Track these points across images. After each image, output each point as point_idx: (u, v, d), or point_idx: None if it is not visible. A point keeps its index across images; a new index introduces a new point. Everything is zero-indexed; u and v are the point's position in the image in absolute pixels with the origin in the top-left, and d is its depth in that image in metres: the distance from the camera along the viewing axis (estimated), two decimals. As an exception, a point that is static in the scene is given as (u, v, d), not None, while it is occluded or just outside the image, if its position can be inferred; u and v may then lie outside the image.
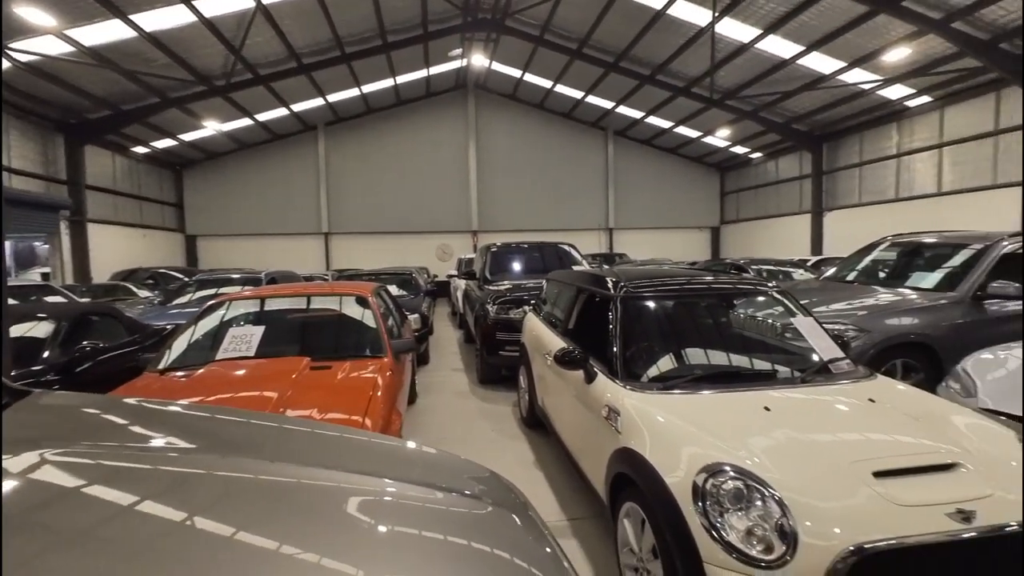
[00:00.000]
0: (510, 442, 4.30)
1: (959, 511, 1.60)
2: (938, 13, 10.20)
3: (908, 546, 1.57)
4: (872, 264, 6.06)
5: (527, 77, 18.75)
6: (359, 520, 1.00)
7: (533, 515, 1.22)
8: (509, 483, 1.38)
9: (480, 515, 1.08)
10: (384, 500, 1.11)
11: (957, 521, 1.59)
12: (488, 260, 7.59)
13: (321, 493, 1.07)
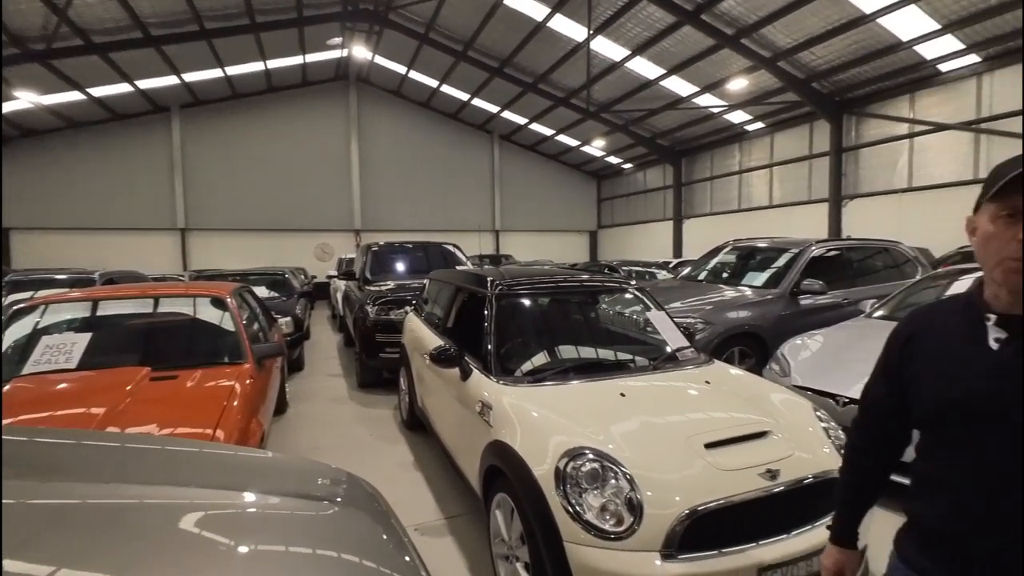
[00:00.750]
0: (389, 446, 4.19)
1: (768, 471, 1.90)
2: (768, 52, 11.98)
3: (731, 504, 1.81)
4: (717, 265, 6.92)
5: (412, 74, 18.44)
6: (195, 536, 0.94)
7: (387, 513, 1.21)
8: (363, 483, 1.35)
9: (328, 517, 1.04)
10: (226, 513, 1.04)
11: (766, 479, 1.88)
12: (369, 260, 7.32)
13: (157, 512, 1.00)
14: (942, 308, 1.07)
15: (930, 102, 11.67)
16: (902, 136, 12.20)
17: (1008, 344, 0.91)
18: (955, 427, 0.96)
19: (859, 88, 12.58)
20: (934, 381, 0.99)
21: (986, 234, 0.91)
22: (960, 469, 0.95)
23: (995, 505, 0.90)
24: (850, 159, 13.39)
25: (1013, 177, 0.85)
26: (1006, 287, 0.90)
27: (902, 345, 1.07)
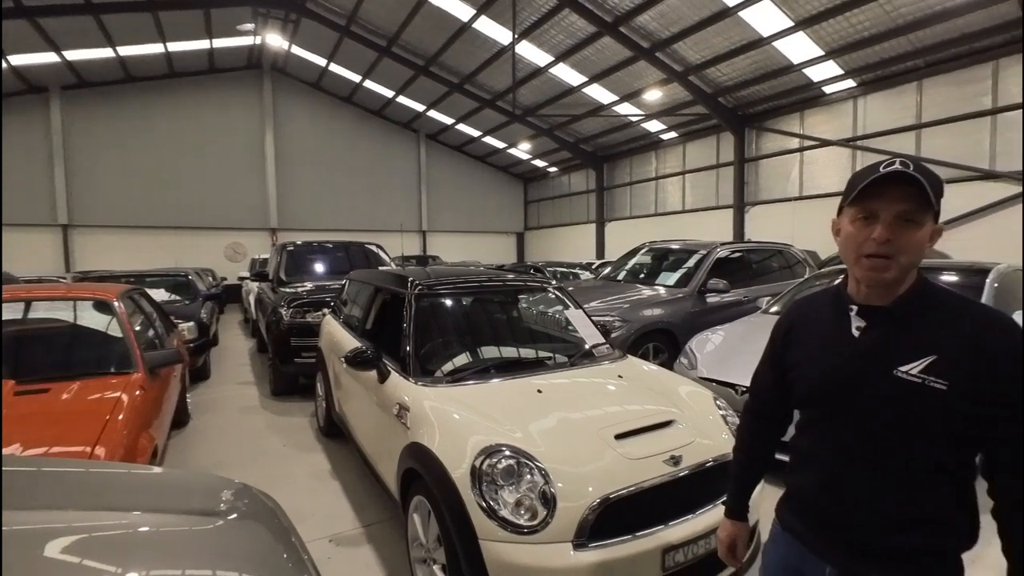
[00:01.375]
0: (305, 455, 3.98)
1: (672, 457, 2.02)
2: (680, 67, 12.77)
3: (639, 490, 1.90)
4: (635, 266, 7.27)
5: (333, 67, 17.70)
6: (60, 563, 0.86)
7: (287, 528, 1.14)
8: (262, 496, 1.27)
9: (213, 533, 0.96)
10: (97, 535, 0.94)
11: (670, 465, 1.99)
12: (284, 260, 6.92)
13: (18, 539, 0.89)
14: (816, 300, 1.18)
15: (817, 120, 13.02)
16: (794, 150, 13.50)
17: (866, 332, 1.02)
18: (823, 407, 1.08)
19: (758, 104, 13.75)
20: (808, 366, 1.10)
21: (847, 234, 1.02)
22: (826, 444, 1.07)
23: (854, 475, 1.02)
24: (751, 169, 14.61)
25: (866, 184, 0.96)
26: (864, 281, 1.01)
27: (783, 335, 1.19)
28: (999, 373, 0.91)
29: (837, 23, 10.20)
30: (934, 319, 0.98)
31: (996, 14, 9.10)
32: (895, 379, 0.96)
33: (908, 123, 11.29)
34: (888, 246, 0.94)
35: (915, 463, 0.96)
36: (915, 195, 0.93)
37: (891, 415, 0.96)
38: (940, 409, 0.92)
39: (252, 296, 9.36)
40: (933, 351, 0.94)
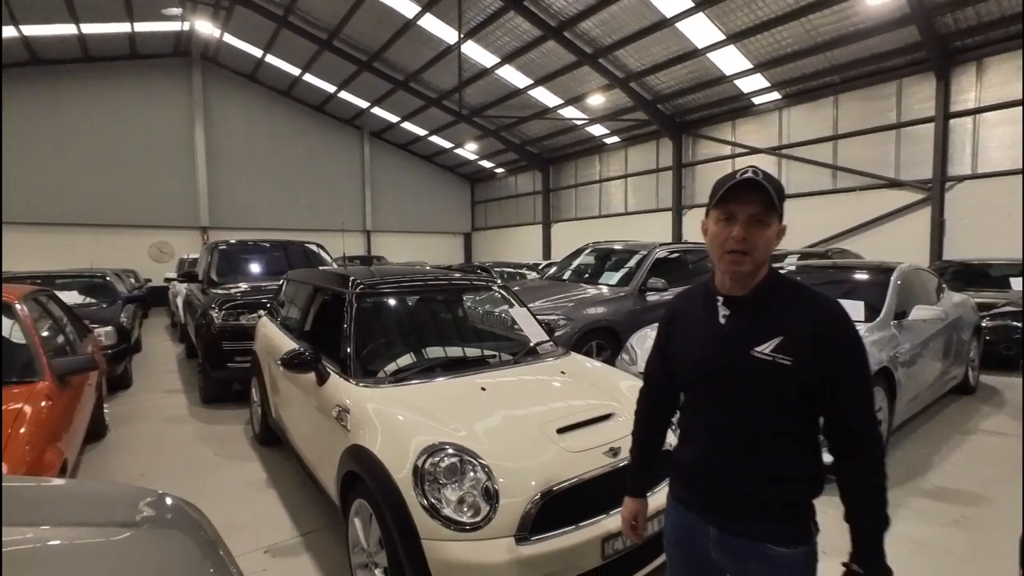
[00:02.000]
0: (238, 464, 3.77)
1: (611, 448, 2.07)
2: (621, 73, 13.18)
3: (580, 482, 1.95)
4: (579, 266, 7.43)
5: (270, 59, 16.92)
6: None
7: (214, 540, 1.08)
8: (185, 506, 1.19)
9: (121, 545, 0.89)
10: None
11: (609, 456, 2.05)
12: (215, 260, 6.54)
13: None
14: (692, 294, 1.32)
15: (747, 129, 13.83)
16: (727, 156, 14.27)
17: (729, 319, 1.17)
18: (698, 387, 1.24)
19: (694, 112, 14.43)
20: (686, 352, 1.26)
21: (712, 233, 1.15)
22: (702, 419, 1.23)
23: (724, 445, 1.18)
24: (688, 174, 15.30)
25: (726, 190, 1.10)
26: (727, 274, 1.16)
27: (666, 326, 1.34)
28: (831, 348, 1.09)
29: (764, 38, 10.88)
30: (782, 305, 1.14)
31: (899, 38, 10.02)
32: (752, 358, 1.11)
33: (826, 134, 12.22)
34: (744, 243, 1.09)
35: (772, 430, 1.13)
36: (763, 200, 1.09)
37: (750, 389, 1.12)
38: (787, 381, 1.09)
39: (180, 299, 8.77)
40: (781, 333, 1.10)
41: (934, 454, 3.77)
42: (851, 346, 1.10)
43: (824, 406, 1.11)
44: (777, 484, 1.13)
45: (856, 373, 1.11)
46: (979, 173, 10.10)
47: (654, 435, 1.44)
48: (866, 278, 4.66)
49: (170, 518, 1.05)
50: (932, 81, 10.38)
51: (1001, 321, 6.28)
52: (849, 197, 11.90)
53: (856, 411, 1.10)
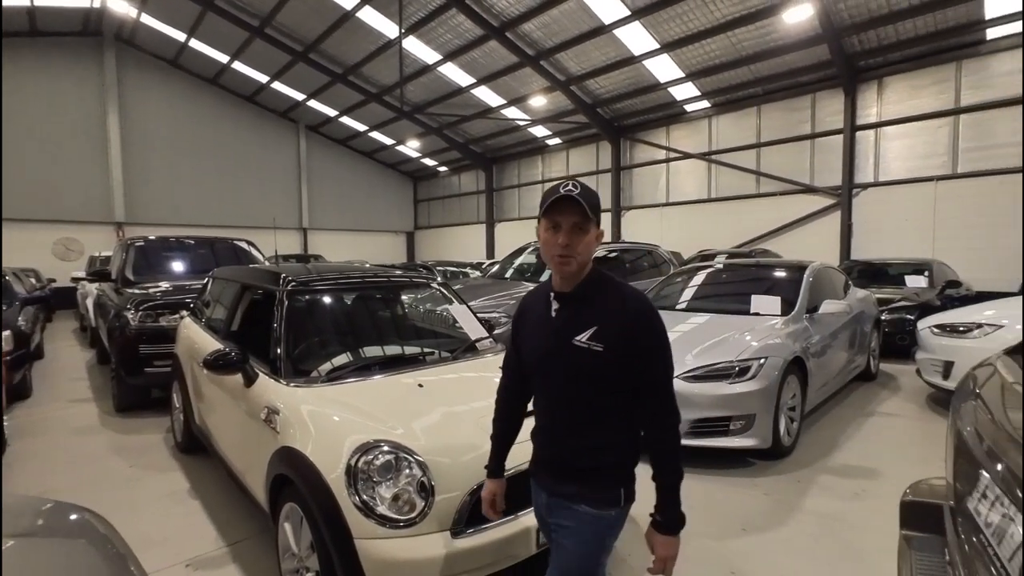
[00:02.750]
0: (157, 476, 3.52)
1: (546, 440, 2.12)
2: (562, 76, 13.45)
3: (515, 473, 1.98)
4: (521, 264, 7.52)
5: (195, 44, 15.86)
6: None
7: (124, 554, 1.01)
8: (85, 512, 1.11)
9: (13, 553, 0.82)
10: None
11: (545, 448, 2.10)
12: (131, 257, 6.07)
13: None
14: (536, 293, 1.48)
15: (680, 134, 14.51)
16: (662, 160, 14.91)
17: (559, 313, 1.35)
18: (537, 372, 1.40)
19: (632, 117, 14.97)
20: (528, 342, 1.44)
21: (544, 240, 1.31)
22: (541, 401, 1.42)
23: (555, 421, 1.38)
24: (627, 176, 15.85)
25: (551, 202, 1.26)
26: (557, 274, 1.33)
27: (516, 321, 1.52)
28: (636, 335, 1.27)
29: (695, 49, 11.47)
30: (599, 299, 1.32)
31: (813, 55, 10.88)
32: (573, 346, 1.29)
33: (751, 142, 13.05)
34: (568, 248, 1.26)
35: (588, 406, 1.32)
36: (581, 211, 1.26)
37: (572, 372, 1.31)
38: (600, 365, 1.27)
39: (91, 300, 8.04)
40: (596, 323, 1.28)
41: (839, 435, 4.13)
42: (652, 333, 1.29)
43: (633, 384, 1.30)
44: (592, 453, 1.32)
45: (656, 355, 1.29)
46: (880, 181, 11.15)
47: (511, 422, 1.60)
48: (783, 275, 5.03)
49: (74, 529, 0.98)
50: (841, 96, 11.35)
51: (897, 314, 6.98)
52: (770, 201, 12.77)
53: (659, 387, 1.30)
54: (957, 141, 10.18)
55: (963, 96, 10.05)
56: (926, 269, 8.20)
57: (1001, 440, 0.98)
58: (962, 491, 1.12)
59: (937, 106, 10.35)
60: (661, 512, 1.31)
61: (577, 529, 1.33)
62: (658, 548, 1.31)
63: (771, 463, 3.58)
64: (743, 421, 3.50)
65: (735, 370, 3.57)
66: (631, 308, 1.29)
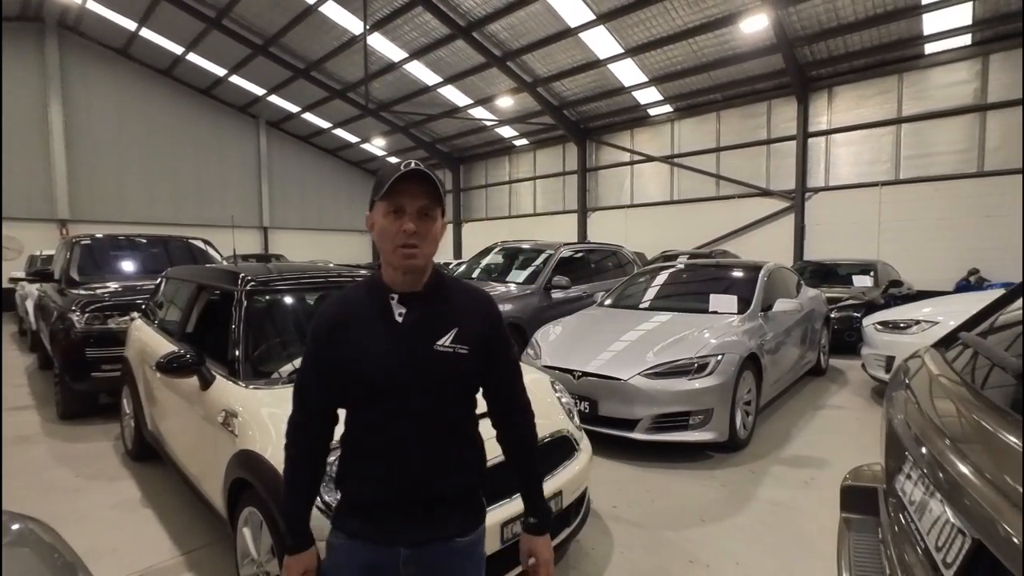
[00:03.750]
0: (106, 485, 3.37)
1: (510, 437, 2.15)
2: (529, 77, 13.54)
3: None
4: (488, 264, 7.54)
5: (146, 33, 15.17)
6: None
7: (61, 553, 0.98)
8: (30, 521, 1.07)
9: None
10: None
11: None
12: (76, 256, 5.76)
13: None
14: (352, 298, 1.18)
15: (644, 138, 14.85)
16: (626, 163, 15.22)
17: (407, 316, 1.12)
18: (383, 392, 1.10)
19: (597, 120, 15.21)
20: (365, 358, 1.11)
21: (381, 228, 1.09)
22: (387, 429, 1.11)
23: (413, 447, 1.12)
24: (593, 178, 16.10)
25: (393, 181, 1.06)
26: (400, 269, 1.11)
27: (327, 334, 1.14)
28: (491, 332, 1.18)
29: (658, 55, 11.76)
30: (451, 299, 1.17)
31: (768, 64, 11.33)
32: (436, 351, 1.11)
33: (711, 146, 13.48)
34: (415, 237, 1.07)
35: (452, 418, 1.16)
36: (430, 192, 1.09)
37: (435, 381, 1.11)
38: (467, 368, 1.13)
39: (31, 302, 7.58)
40: (456, 324, 1.13)
41: (792, 428, 4.33)
42: (503, 328, 1.21)
43: (486, 385, 1.21)
44: (459, 473, 1.16)
45: (509, 352, 1.23)
46: (831, 185, 11.72)
47: (316, 468, 1.22)
48: (739, 275, 5.23)
49: (16, 538, 0.94)
50: (794, 104, 11.87)
51: (845, 312, 7.36)
52: (729, 204, 13.23)
53: (516, 383, 1.24)
54: (899, 149, 10.81)
55: (904, 107, 10.68)
56: (871, 269, 8.67)
57: (923, 425, 1.07)
58: (891, 474, 1.21)
59: (881, 115, 10.96)
60: (536, 514, 1.23)
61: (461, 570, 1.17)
62: (543, 551, 1.22)
63: (728, 455, 3.72)
64: (702, 415, 3.62)
65: (694, 366, 3.69)
66: (484, 305, 1.20)
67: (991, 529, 0.72)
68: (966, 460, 0.86)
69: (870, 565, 1.29)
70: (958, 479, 0.84)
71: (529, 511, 1.25)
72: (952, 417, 1.03)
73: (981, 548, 0.74)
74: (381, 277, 1.16)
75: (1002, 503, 0.72)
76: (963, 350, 1.32)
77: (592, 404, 3.78)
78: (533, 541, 1.23)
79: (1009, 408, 0.90)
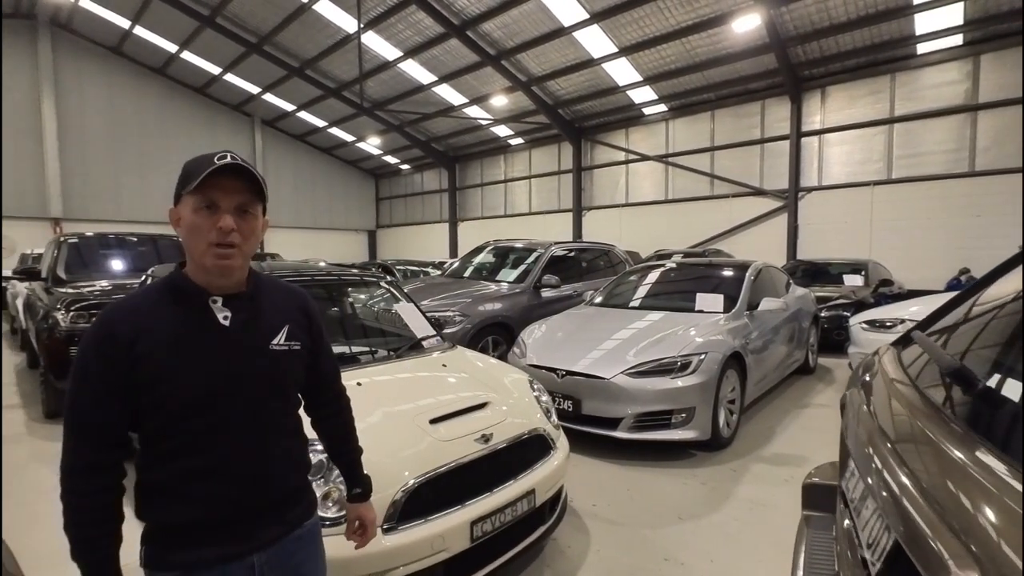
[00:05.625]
0: (87, 483, 3.36)
1: (482, 435, 2.16)
2: (524, 76, 13.54)
3: (449, 469, 2.00)
4: (479, 263, 7.53)
5: (140, 32, 15.14)
6: None
7: None
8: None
9: None
10: None
11: (481, 443, 2.13)
12: (63, 254, 5.75)
13: None
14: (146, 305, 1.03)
15: (638, 137, 14.85)
16: (621, 162, 15.22)
17: (235, 319, 1.05)
18: (210, 406, 1.01)
19: (592, 119, 15.21)
20: (181, 372, 0.99)
21: (191, 224, 0.99)
22: (215, 445, 1.02)
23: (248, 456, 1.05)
24: (587, 177, 16.10)
25: (207, 175, 0.97)
26: (215, 271, 1.01)
27: (127, 351, 0.97)
28: (313, 326, 1.22)
29: (651, 54, 11.76)
30: (273, 297, 1.15)
31: (761, 63, 11.35)
32: (272, 352, 1.09)
33: (705, 145, 13.49)
34: (233, 235, 0.99)
35: (283, 415, 1.15)
36: (249, 187, 1.02)
37: (270, 382, 1.09)
38: (301, 364, 1.17)
39: (20, 300, 7.57)
40: (286, 322, 1.13)
41: (776, 426, 4.35)
42: (321, 322, 1.27)
43: (311, 378, 1.23)
44: (299, 466, 1.19)
45: (327, 343, 1.29)
46: (824, 185, 11.74)
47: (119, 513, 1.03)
48: (727, 275, 5.24)
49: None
50: (788, 104, 11.89)
51: (835, 311, 7.38)
52: (723, 203, 13.25)
53: (336, 374, 1.35)
54: (892, 148, 10.84)
55: (896, 106, 10.71)
56: (862, 269, 8.69)
57: (866, 423, 1.08)
58: (840, 472, 1.22)
59: (873, 115, 10.99)
60: (362, 483, 1.39)
61: (313, 552, 1.23)
62: (369, 513, 1.38)
63: (711, 454, 3.74)
64: (684, 414, 3.63)
65: (677, 365, 3.70)
66: (303, 301, 1.22)
67: (905, 529, 0.73)
68: (899, 460, 0.87)
69: (823, 563, 1.30)
70: (887, 477, 0.85)
71: (352, 483, 1.38)
72: (894, 415, 1.04)
73: (899, 547, 0.75)
74: (187, 280, 1.04)
75: (919, 503, 0.73)
76: (915, 348, 1.33)
77: (575, 403, 3.79)
78: (360, 508, 1.37)
79: (941, 405, 0.91)
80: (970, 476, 0.70)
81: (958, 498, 0.69)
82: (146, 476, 1.04)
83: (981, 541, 0.60)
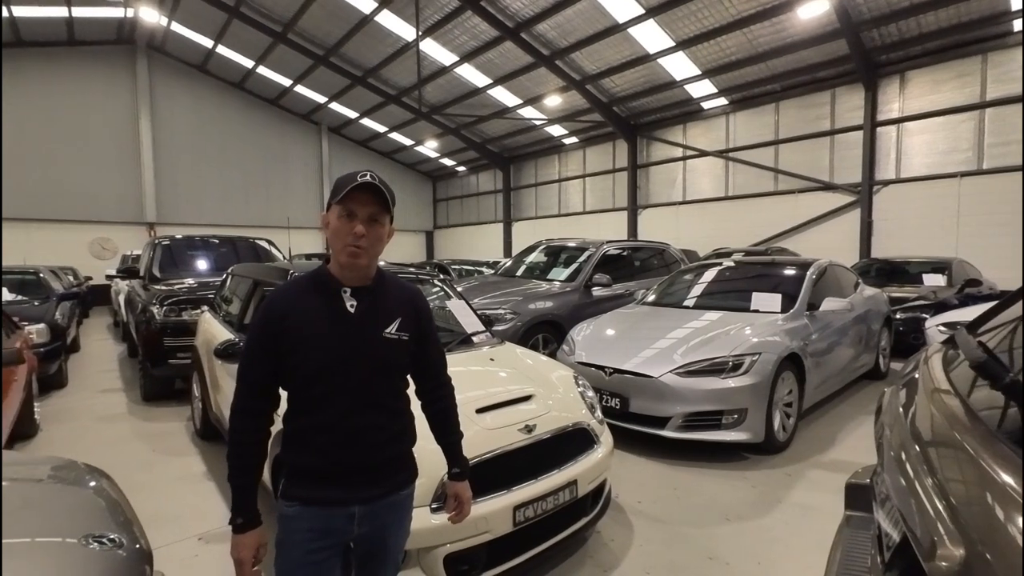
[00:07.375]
0: (176, 459, 3.77)
1: (526, 426, 2.25)
2: (577, 75, 13.49)
3: (493, 456, 2.11)
4: (532, 262, 7.63)
5: (222, 50, 16.42)
6: None
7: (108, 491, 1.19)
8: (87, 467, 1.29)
9: (32, 490, 1.00)
10: None
11: (524, 433, 2.23)
12: (157, 255, 6.40)
13: None
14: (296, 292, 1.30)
15: (696, 132, 14.40)
16: (678, 158, 14.82)
17: (358, 307, 1.30)
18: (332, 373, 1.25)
19: (648, 115, 14.91)
20: (315, 343, 1.25)
21: (335, 228, 1.26)
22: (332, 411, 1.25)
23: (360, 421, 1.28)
24: (643, 174, 15.80)
25: (349, 190, 1.23)
26: (347, 267, 1.28)
27: (279, 322, 1.25)
28: (423, 319, 1.42)
29: (710, 47, 11.39)
30: (393, 293, 1.38)
31: (830, 50, 10.69)
32: (384, 338, 1.32)
33: (768, 139, 12.88)
34: (363, 240, 1.25)
35: (392, 395, 1.36)
36: (380, 201, 1.27)
37: (381, 363, 1.32)
38: (406, 352, 1.37)
39: (122, 296, 8.49)
40: (399, 314, 1.35)
41: (838, 432, 4.14)
42: (431, 316, 1.47)
43: (418, 365, 1.44)
44: (399, 439, 1.39)
45: (437, 336, 1.50)
46: (902, 178, 10.90)
47: (263, 452, 1.31)
48: (787, 273, 5.03)
49: (77, 477, 1.15)
50: (861, 92, 11.13)
51: (912, 313, 6.87)
52: (788, 199, 12.60)
53: (443, 364, 1.52)
54: (982, 136, 9.90)
55: (989, 90, 9.76)
56: (946, 268, 8.02)
57: (895, 420, 1.07)
58: (877, 470, 1.22)
59: (961, 100, 10.08)
60: (460, 464, 1.54)
61: (401, 518, 1.42)
62: (465, 491, 1.54)
63: (764, 458, 3.63)
64: (735, 415, 3.56)
65: (728, 365, 3.63)
66: (417, 297, 1.43)
67: (911, 523, 0.75)
68: (923, 459, 0.88)
69: (858, 561, 1.30)
70: (908, 474, 0.86)
71: (452, 463, 1.54)
72: (920, 414, 1.03)
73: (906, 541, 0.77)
74: (328, 273, 1.32)
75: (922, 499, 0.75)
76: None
77: (623, 401, 3.80)
78: (458, 486, 1.54)
79: (966, 398, 0.91)
80: (987, 475, 0.71)
81: (970, 496, 0.70)
82: (287, 426, 1.31)
83: (980, 530, 0.62)
